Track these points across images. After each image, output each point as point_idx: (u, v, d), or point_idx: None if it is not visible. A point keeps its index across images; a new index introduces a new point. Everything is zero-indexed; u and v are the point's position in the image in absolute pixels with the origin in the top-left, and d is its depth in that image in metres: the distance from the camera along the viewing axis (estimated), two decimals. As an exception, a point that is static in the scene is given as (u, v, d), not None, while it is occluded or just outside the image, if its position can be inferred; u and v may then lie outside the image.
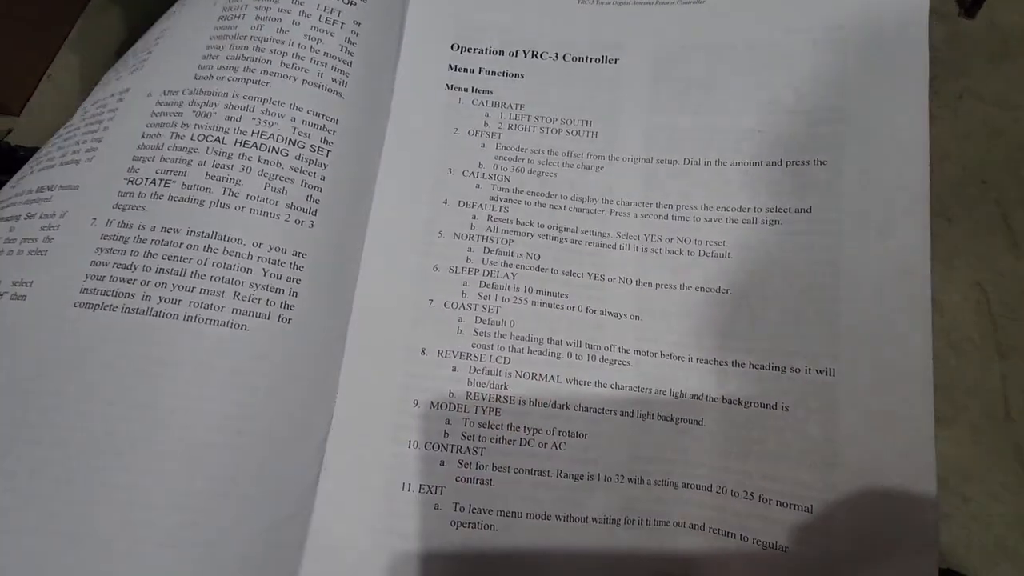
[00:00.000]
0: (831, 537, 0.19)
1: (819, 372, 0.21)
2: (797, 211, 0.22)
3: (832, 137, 0.23)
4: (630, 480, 0.21)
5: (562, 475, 0.20)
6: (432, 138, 0.24)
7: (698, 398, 0.21)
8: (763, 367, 0.21)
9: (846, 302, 0.21)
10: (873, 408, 0.20)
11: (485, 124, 0.24)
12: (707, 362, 0.22)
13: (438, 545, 0.19)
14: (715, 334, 0.22)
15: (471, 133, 0.24)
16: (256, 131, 0.20)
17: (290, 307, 0.20)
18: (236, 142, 0.20)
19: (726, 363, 0.21)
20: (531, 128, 0.24)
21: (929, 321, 0.20)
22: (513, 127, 0.24)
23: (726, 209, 0.23)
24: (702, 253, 0.23)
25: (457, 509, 0.20)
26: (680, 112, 0.24)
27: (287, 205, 0.20)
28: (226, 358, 0.18)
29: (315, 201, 0.21)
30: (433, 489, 0.20)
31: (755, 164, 0.23)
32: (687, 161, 0.24)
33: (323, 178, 0.21)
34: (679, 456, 0.21)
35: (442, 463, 0.20)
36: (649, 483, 0.21)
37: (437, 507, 0.20)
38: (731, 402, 0.21)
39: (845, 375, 0.20)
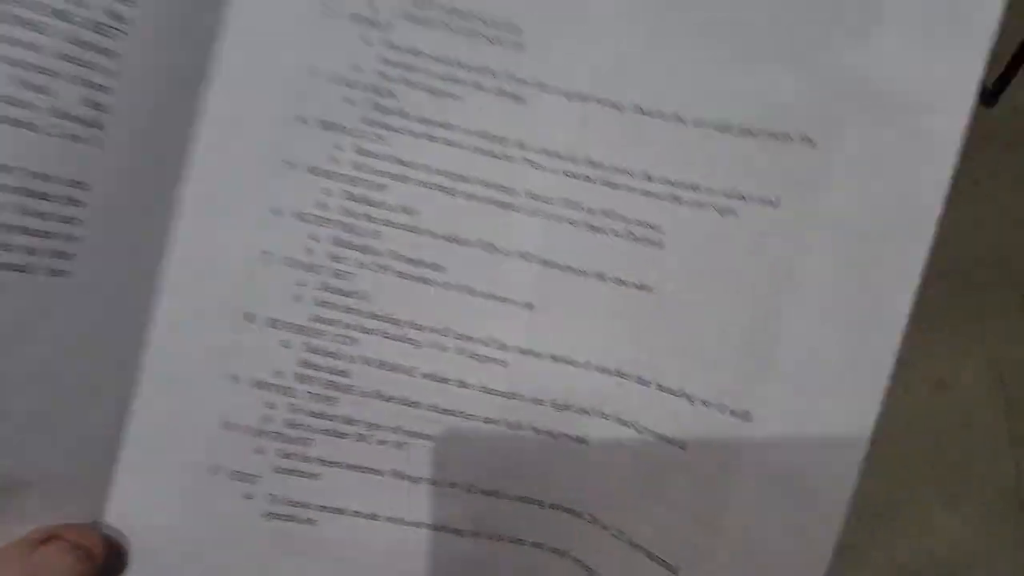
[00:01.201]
0: None
1: (733, 413, 0.17)
2: (760, 202, 0.17)
3: (833, 113, 0.16)
4: (483, 492, 0.18)
5: (399, 476, 0.18)
6: (292, 23, 0.17)
7: (585, 413, 0.18)
8: (670, 392, 0.17)
9: (791, 335, 0.16)
10: (781, 473, 0.16)
11: (372, 6, 0.17)
12: (606, 372, 0.18)
13: (245, 536, 0.17)
14: (624, 340, 0.18)
15: (351, 18, 0.17)
16: None
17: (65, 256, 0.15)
18: None
19: (628, 377, 0.18)
20: (433, 22, 0.17)
21: (884, 384, 0.16)
22: (409, 17, 0.17)
23: (672, 183, 0.17)
24: (629, 235, 0.17)
25: (272, 501, 0.17)
26: (647, 40, 0.17)
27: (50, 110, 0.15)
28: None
29: (101, 107, 0.15)
30: (246, 477, 0.17)
31: (722, 128, 0.17)
32: (637, 108, 0.17)
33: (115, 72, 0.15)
34: (550, 473, 0.18)
35: (259, 451, 0.17)
36: (509, 498, 0.18)
37: (249, 496, 0.17)
38: (624, 423, 0.18)
39: (762, 424, 0.16)
